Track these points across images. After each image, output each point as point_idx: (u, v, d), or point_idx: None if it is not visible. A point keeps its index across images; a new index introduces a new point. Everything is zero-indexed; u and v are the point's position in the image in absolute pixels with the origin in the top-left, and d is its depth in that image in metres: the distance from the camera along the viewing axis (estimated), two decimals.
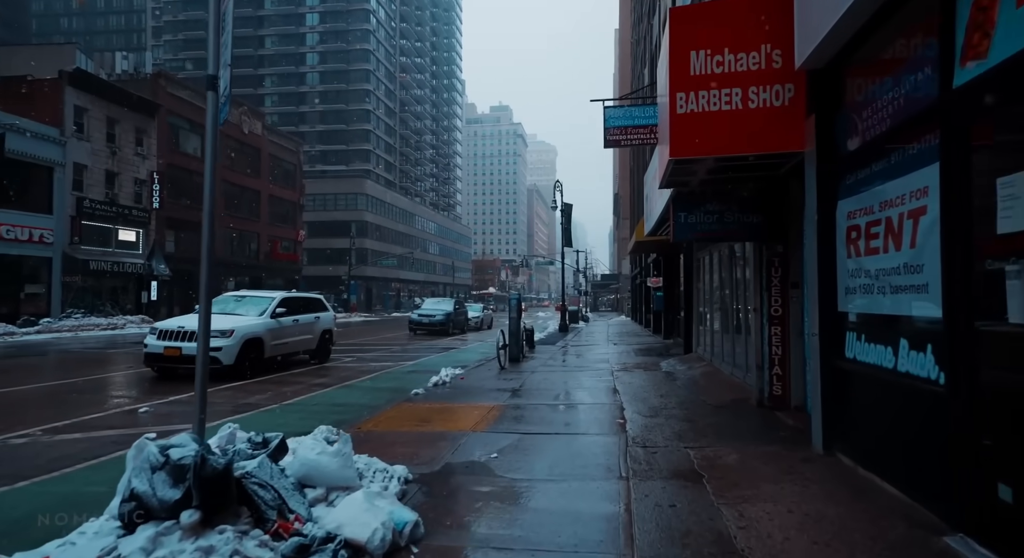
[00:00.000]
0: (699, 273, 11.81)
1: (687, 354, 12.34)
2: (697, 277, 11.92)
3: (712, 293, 10.30)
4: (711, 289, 10.39)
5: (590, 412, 7.02)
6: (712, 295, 10.29)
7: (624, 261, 65.24)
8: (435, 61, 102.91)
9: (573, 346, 17.99)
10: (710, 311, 10.33)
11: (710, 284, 10.45)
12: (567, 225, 29.25)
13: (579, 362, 12.91)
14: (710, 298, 10.43)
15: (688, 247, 12.62)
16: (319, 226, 64.61)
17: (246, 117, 42.06)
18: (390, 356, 15.10)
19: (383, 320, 40.92)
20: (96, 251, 28.80)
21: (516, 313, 13.31)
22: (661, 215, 9.19)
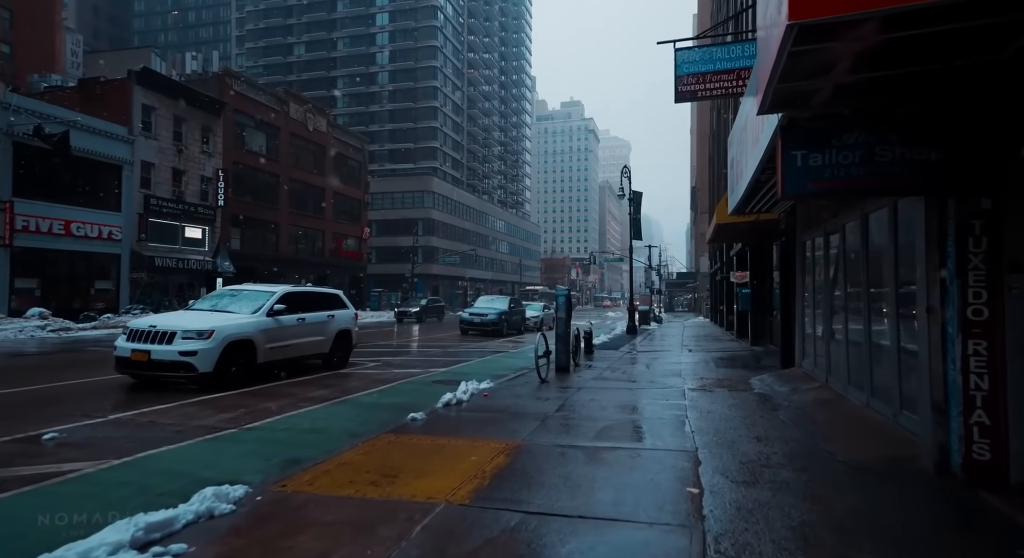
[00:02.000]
0: (805, 262, 8.89)
1: (786, 369, 9.43)
2: (802, 268, 8.99)
3: (829, 287, 7.43)
4: (828, 281, 7.51)
5: (645, 467, 4.57)
6: (830, 290, 7.42)
7: (702, 258, 60.59)
8: (504, 57, 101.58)
9: (640, 352, 15.30)
10: (826, 312, 7.46)
11: (826, 274, 7.57)
12: (636, 216, 26.33)
13: (643, 375, 10.32)
14: (826, 294, 7.56)
15: (787, 230, 9.68)
16: (386, 224, 64.89)
17: (311, 114, 42.18)
18: (424, 361, 13.18)
19: (446, 318, 39.67)
20: (163, 248, 29.28)
21: (565, 312, 10.93)
22: (754, 179, 6.52)
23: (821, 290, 7.97)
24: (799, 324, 8.98)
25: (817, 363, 7.95)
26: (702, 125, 60.24)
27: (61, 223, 24.28)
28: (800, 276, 8.97)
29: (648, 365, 12.09)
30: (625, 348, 16.59)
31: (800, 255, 8.97)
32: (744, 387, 8.28)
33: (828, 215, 7.51)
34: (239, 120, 35.51)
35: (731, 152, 9.07)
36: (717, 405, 6.97)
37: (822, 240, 7.71)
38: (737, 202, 8.22)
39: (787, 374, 8.77)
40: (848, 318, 6.59)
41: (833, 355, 7.12)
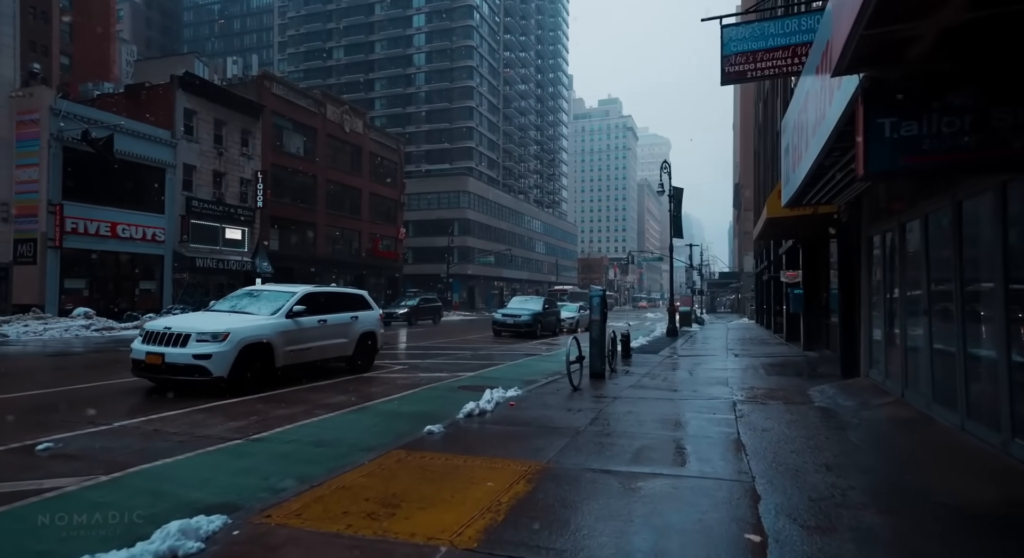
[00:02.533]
0: (872, 259, 7.89)
1: (849, 379, 8.43)
2: (868, 265, 7.99)
3: (905, 287, 6.45)
4: (902, 281, 6.54)
5: (692, 502, 3.84)
6: (905, 290, 6.45)
7: (747, 257, 58.34)
8: (540, 55, 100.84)
9: (681, 357, 14.38)
10: (902, 315, 6.50)
11: (900, 272, 6.60)
12: (676, 213, 25.21)
13: (685, 383, 9.48)
14: (901, 295, 6.58)
15: (849, 223, 8.67)
16: (423, 225, 65.15)
17: (347, 116, 42.54)
18: (452, 364, 12.65)
19: (481, 319, 39.24)
20: (204, 249, 29.88)
21: (599, 314, 10.19)
22: (816, 164, 5.66)
23: (893, 290, 6.99)
24: (864, 329, 7.98)
25: (889, 374, 6.98)
26: (746, 119, 58.02)
27: (108, 225, 24.99)
28: (866, 275, 7.98)
29: (691, 371, 11.22)
30: (665, 352, 15.67)
31: (866, 251, 7.98)
32: (802, 399, 7.37)
33: (902, 205, 6.55)
34: (277, 122, 36.04)
35: (785, 138, 8.16)
36: (773, 421, 6.13)
37: (895, 234, 6.74)
38: (793, 193, 7.32)
39: (851, 385, 7.79)
40: (932, 322, 5.65)
41: (911, 365, 6.17)
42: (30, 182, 22.96)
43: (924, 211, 5.79)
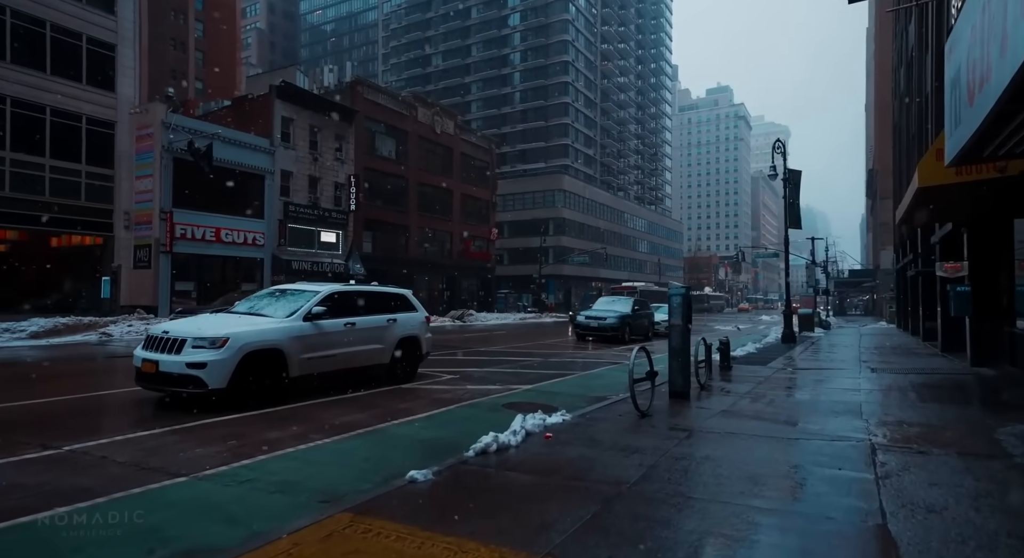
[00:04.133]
0: None
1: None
2: None
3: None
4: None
5: None
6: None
7: (884, 251, 50.76)
8: (640, 45, 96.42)
9: (798, 370, 11.60)
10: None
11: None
12: (793, 200, 21.64)
13: (798, 411, 7.05)
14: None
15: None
16: (517, 225, 64.41)
17: (438, 117, 42.61)
18: (512, 374, 11.01)
19: None
20: (300, 252, 30.95)
21: (681, 318, 8.04)
22: (1014, 81, 3.29)
23: None
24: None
25: None
26: (882, 95, 50.58)
27: (212, 230, 26.47)
28: None
29: (808, 392, 8.64)
30: (778, 363, 12.87)
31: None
32: (988, 449, 4.80)
33: None
34: (370, 127, 36.75)
35: (954, 61, 5.57)
36: (943, 492, 3.78)
37: None
38: (967, 140, 4.79)
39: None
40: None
41: None
42: (146, 192, 24.84)
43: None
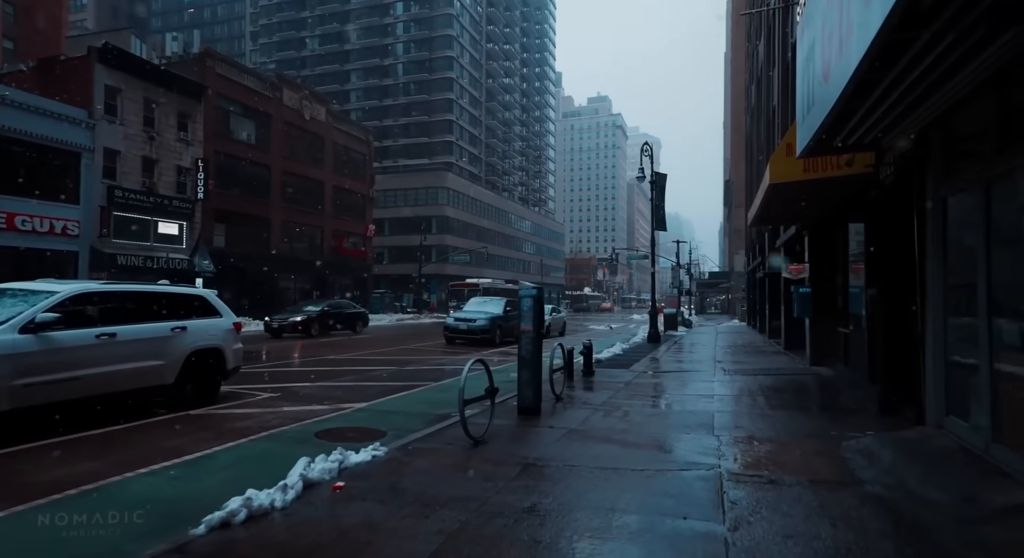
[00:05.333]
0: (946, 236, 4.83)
1: (898, 423, 5.36)
2: (943, 246, 4.90)
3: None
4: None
5: None
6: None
7: (737, 255, 55.64)
8: (525, 48, 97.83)
9: (658, 373, 11.33)
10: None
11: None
12: (659, 202, 22.25)
13: (651, 427, 6.39)
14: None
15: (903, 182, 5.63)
16: (400, 222, 62.05)
17: (308, 102, 39.21)
18: (348, 389, 9.48)
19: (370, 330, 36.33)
20: (130, 245, 26.48)
21: (532, 324, 7.12)
22: (878, 42, 2.60)
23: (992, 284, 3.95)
24: (934, 347, 4.91)
25: (1003, 429, 3.90)
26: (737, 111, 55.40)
27: (2, 216, 21.57)
28: (936, 261, 4.91)
29: (664, 401, 8.15)
30: (640, 365, 12.63)
31: (935, 223, 4.90)
32: (837, 474, 4.30)
33: None
34: (223, 106, 32.68)
35: (805, 41, 5.09)
36: (800, 549, 3.05)
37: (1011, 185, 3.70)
38: (822, 121, 4.24)
39: (912, 442, 4.72)
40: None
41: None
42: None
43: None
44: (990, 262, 3.97)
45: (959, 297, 4.63)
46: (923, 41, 2.86)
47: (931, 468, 3.95)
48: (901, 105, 3.94)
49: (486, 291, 37.29)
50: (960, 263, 4.60)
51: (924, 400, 4.99)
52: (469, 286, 40.70)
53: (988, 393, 3.97)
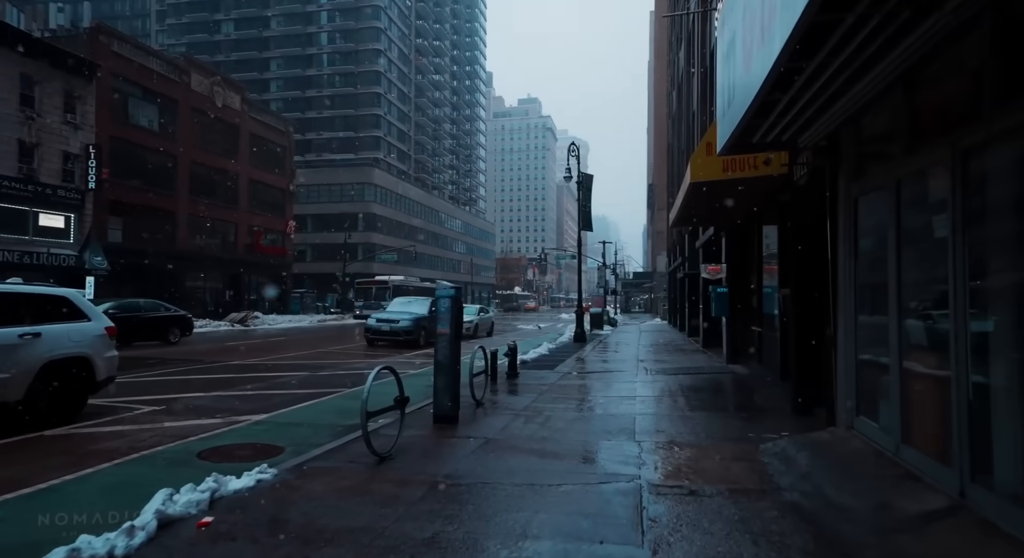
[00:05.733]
0: (857, 236, 4.85)
1: (810, 422, 5.38)
2: (854, 246, 4.91)
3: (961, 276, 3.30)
4: (961, 268, 3.39)
5: None
6: (964, 281, 3.28)
7: (660, 256, 57.77)
8: (456, 46, 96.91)
9: (582, 374, 11.19)
10: (960, 326, 3.33)
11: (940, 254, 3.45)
12: (586, 203, 22.43)
13: (572, 432, 6.12)
14: (959, 291, 3.44)
15: (817, 183, 5.67)
16: (324, 219, 59.53)
17: (220, 88, 36.54)
18: (247, 399, 8.61)
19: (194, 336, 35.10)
20: (4, 239, 23.42)
21: (450, 326, 6.69)
22: (802, 24, 2.39)
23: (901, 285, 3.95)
24: (845, 348, 4.92)
25: (913, 431, 3.89)
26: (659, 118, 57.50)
27: None
28: (847, 262, 4.93)
29: (586, 404, 7.95)
30: (565, 366, 12.48)
31: (847, 224, 4.93)
32: (757, 482, 4.17)
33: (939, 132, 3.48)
34: (120, 87, 29.76)
35: (725, 33, 4.97)
36: None
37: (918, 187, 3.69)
38: (744, 112, 4.10)
39: (826, 444, 4.70)
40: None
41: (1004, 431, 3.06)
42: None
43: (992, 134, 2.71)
44: (900, 262, 3.96)
45: (870, 297, 4.66)
46: (848, 23, 2.71)
47: (846, 473, 3.88)
48: (819, 100, 3.85)
49: (397, 289, 34.46)
50: (871, 263, 4.62)
51: (836, 401, 5.01)
52: (377, 284, 37.49)
53: (897, 394, 3.95)
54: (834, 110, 4.15)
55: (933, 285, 3.71)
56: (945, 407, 3.37)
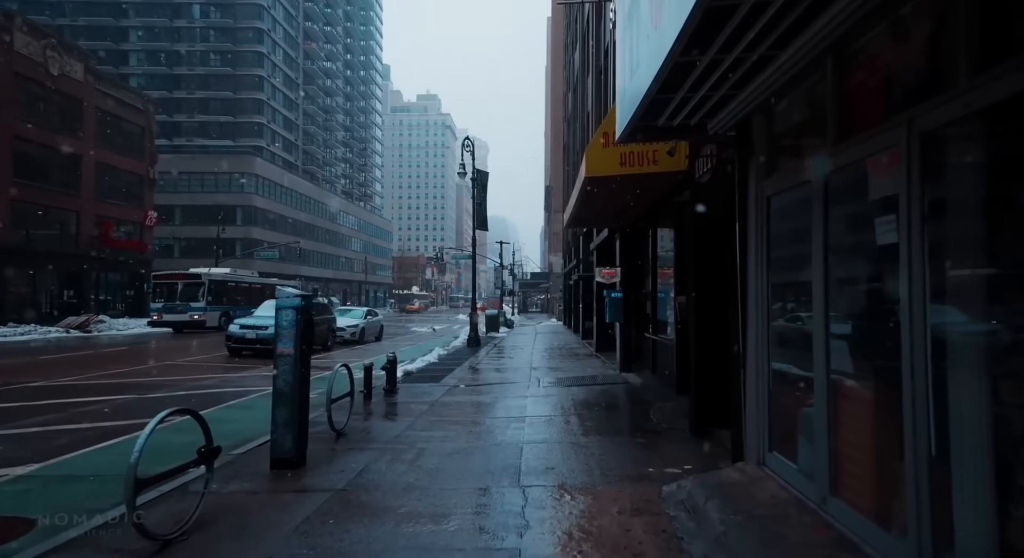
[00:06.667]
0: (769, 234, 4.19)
1: (730, 468, 4.67)
2: (767, 249, 4.24)
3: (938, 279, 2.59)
4: (935, 269, 2.67)
5: None
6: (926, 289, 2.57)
7: (555, 257, 58.62)
8: (349, 33, 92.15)
9: (470, 388, 10.12)
10: (917, 340, 2.61)
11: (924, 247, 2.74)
12: (481, 200, 21.49)
13: (442, 474, 4.97)
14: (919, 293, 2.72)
15: (726, 180, 5.02)
16: (196, 210, 53.63)
17: (54, 53, 31.05)
18: (24, 438, 6.55)
19: None
20: None
21: (295, 343, 5.35)
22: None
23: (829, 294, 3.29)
24: (756, 366, 4.25)
25: (845, 481, 3.19)
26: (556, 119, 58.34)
27: None
28: (758, 267, 4.25)
29: (468, 430, 6.88)
30: (454, 377, 11.35)
31: (758, 225, 4.25)
32: (664, 548, 3.32)
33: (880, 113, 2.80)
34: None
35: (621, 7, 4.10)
36: None
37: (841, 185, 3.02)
38: (652, 81, 3.19)
39: (736, 485, 3.98)
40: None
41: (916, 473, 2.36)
42: None
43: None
44: (827, 264, 3.27)
45: (791, 306, 4.01)
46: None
47: (768, 534, 3.12)
48: (744, 65, 3.06)
49: (220, 288, 28.39)
50: (791, 267, 3.96)
51: (744, 429, 4.33)
52: (186, 278, 28.13)
53: (824, 428, 3.27)
54: (755, 86, 3.40)
55: (874, 296, 3.05)
56: (891, 456, 2.68)
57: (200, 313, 27.02)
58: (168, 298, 27.59)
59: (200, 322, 26.70)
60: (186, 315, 26.73)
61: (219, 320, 26.90)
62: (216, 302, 28.10)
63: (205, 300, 27.40)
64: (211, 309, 27.52)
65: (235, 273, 32.18)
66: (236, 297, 30.11)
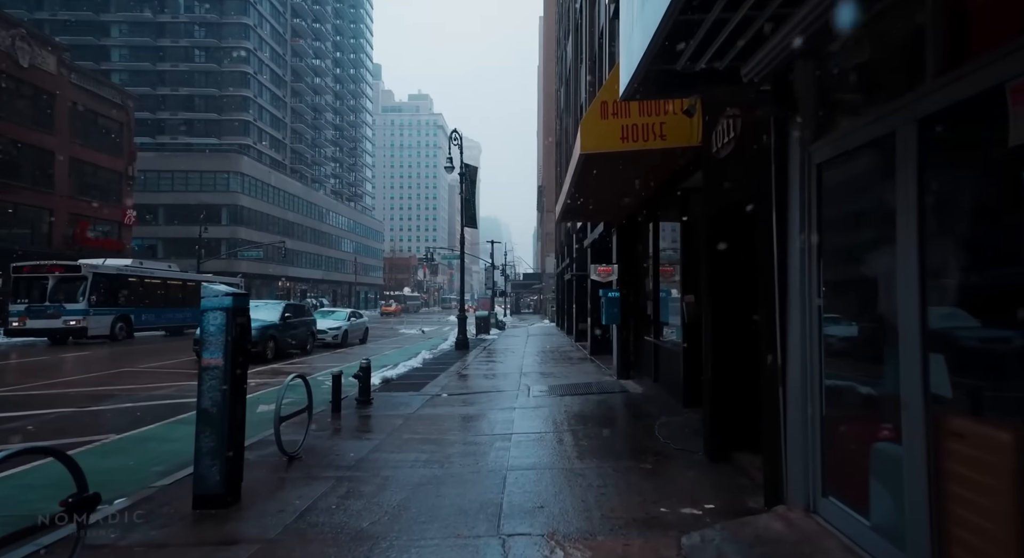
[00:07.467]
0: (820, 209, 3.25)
1: (767, 514, 3.73)
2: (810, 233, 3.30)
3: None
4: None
5: None
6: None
7: (548, 257, 57.71)
8: (339, 31, 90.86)
9: (453, 397, 9.14)
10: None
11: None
12: (469, 196, 20.53)
13: (414, 513, 3.99)
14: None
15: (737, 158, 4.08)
16: (180, 210, 52.44)
17: (24, 43, 29.78)
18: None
19: None
20: None
21: (226, 352, 4.33)
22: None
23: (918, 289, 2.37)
24: (802, 383, 3.31)
25: (950, 542, 2.27)
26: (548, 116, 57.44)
27: None
28: (807, 256, 3.31)
29: (445, 452, 5.90)
30: (436, 384, 10.37)
31: (804, 197, 3.31)
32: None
33: None
34: None
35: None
36: None
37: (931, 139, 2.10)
38: (667, 10, 2.24)
39: (780, 541, 3.04)
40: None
41: None
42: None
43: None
44: (923, 247, 2.34)
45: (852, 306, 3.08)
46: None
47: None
48: None
49: (110, 283, 21.80)
50: (854, 257, 3.02)
51: (784, 464, 3.39)
52: (64, 271, 21.00)
53: (920, 476, 2.33)
54: (791, 28, 2.47)
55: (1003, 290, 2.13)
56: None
57: (79, 317, 20.11)
58: (34, 297, 20.32)
59: (80, 329, 20.13)
60: (59, 320, 19.89)
61: (112, 327, 21.29)
62: (107, 302, 21.38)
63: (88, 300, 20.44)
64: (98, 312, 20.80)
65: (139, 265, 25.06)
66: (142, 297, 23.84)
